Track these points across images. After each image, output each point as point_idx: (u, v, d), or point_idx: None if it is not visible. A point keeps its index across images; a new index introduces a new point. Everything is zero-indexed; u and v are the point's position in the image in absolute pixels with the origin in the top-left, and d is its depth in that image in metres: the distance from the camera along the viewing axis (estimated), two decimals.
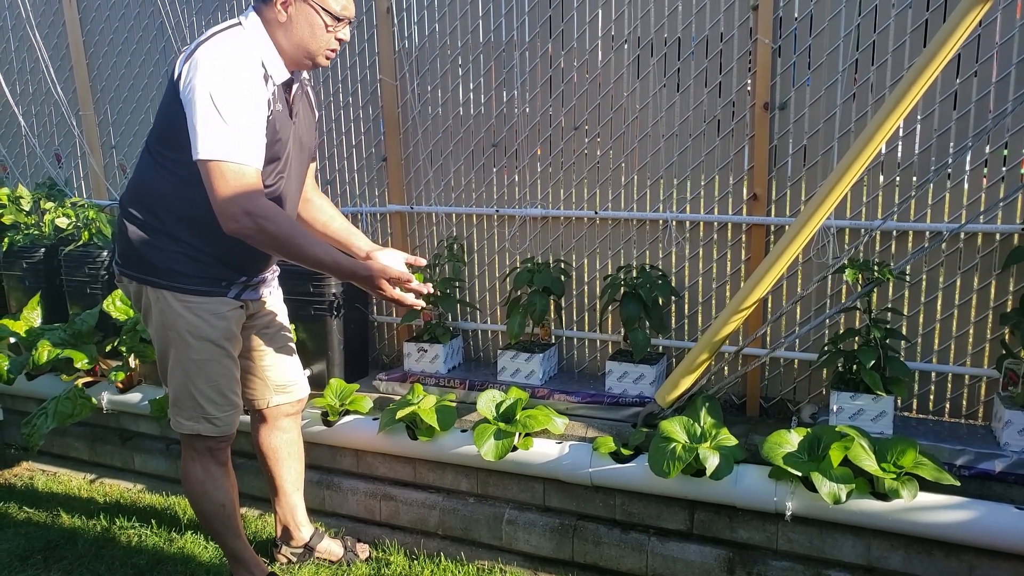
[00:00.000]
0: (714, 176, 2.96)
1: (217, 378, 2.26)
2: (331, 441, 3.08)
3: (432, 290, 2.27)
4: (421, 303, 2.23)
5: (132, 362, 3.39)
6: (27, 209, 4.13)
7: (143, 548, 2.85)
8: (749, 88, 2.84)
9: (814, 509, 2.36)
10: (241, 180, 1.99)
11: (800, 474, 2.33)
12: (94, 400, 3.26)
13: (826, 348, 2.73)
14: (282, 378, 2.56)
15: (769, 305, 2.97)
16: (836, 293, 2.87)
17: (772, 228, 2.89)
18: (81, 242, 3.83)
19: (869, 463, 2.27)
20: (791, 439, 2.42)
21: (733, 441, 2.51)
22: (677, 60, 2.93)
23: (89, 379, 3.50)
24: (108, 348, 3.47)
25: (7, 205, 4.09)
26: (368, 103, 3.55)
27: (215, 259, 2.20)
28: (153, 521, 3.04)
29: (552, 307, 3.17)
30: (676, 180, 3.03)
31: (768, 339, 2.97)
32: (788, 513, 2.37)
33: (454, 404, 2.92)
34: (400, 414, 2.81)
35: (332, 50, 2.16)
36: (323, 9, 2.08)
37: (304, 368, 3.32)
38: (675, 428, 2.52)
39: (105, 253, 3.77)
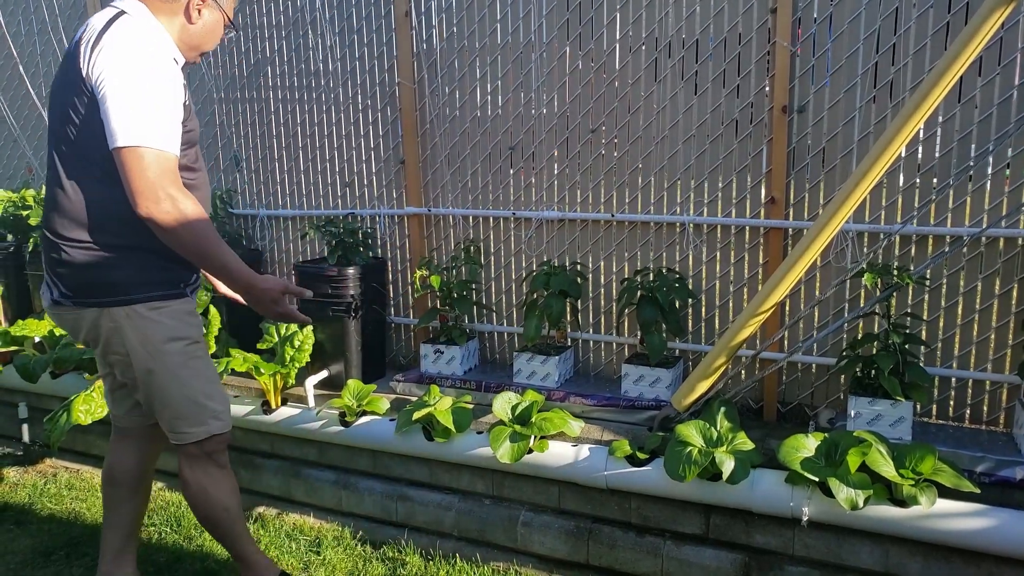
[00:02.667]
0: (732, 179, 2.95)
1: (208, 371, 2.23)
2: (348, 441, 3.11)
3: (311, 295, 2.27)
4: (308, 319, 2.27)
5: None
6: None
7: (163, 546, 2.88)
8: (767, 91, 2.82)
9: (831, 515, 2.35)
10: (163, 165, 1.93)
11: (817, 479, 2.31)
12: None
13: (844, 353, 2.71)
14: None
15: (787, 309, 2.95)
16: (855, 297, 2.85)
17: (790, 232, 2.88)
18: None
19: (887, 469, 2.26)
20: (808, 444, 2.41)
21: (750, 445, 2.50)
22: (695, 62, 2.93)
23: None
24: None
25: (33, 207, 4.16)
26: (387, 106, 3.57)
27: (174, 261, 2.12)
28: (172, 519, 3.07)
29: (568, 310, 3.17)
30: (694, 183, 3.02)
31: (786, 343, 2.96)
32: (805, 518, 2.36)
33: (470, 406, 2.93)
34: (417, 415, 2.83)
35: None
36: (227, 17, 2.24)
37: (322, 369, 3.37)
38: (691, 432, 2.52)
39: None
